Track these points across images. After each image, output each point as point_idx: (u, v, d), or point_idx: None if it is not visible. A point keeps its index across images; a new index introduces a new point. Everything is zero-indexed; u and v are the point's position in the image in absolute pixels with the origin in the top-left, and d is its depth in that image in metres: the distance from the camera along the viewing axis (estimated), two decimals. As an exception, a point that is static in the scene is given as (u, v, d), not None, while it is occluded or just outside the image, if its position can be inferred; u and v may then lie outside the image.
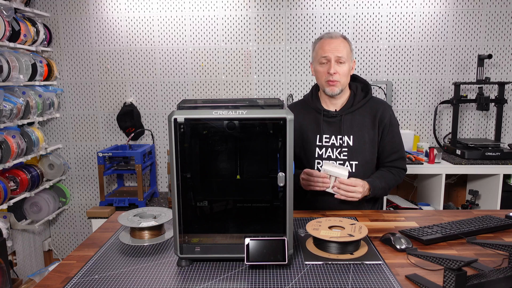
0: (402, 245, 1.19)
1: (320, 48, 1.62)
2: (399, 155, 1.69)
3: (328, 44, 1.60)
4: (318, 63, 1.63)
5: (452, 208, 2.91)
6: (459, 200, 3.12)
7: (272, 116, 1.04)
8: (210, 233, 1.11)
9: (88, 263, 1.14)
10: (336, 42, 1.60)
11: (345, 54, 1.60)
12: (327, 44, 1.61)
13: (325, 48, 1.60)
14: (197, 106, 1.08)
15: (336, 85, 1.61)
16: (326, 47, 1.60)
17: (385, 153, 1.69)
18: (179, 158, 1.06)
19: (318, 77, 1.66)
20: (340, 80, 1.61)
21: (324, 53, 1.60)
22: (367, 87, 1.71)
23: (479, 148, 2.66)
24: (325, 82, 1.63)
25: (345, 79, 1.63)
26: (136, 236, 1.30)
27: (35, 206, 2.82)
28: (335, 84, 1.61)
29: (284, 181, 1.06)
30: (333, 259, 1.12)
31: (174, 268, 1.10)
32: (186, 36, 2.97)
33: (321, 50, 1.61)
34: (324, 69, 1.62)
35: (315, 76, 1.69)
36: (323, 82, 1.63)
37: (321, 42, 1.63)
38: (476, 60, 2.93)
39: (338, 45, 1.60)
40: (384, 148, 1.68)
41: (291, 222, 1.08)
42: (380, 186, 1.60)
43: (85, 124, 3.10)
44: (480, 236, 1.29)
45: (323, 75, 1.63)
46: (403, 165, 1.71)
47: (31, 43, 2.72)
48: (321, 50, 1.61)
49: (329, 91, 1.63)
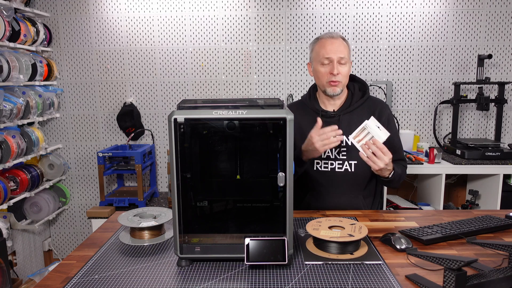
0: (402, 245, 1.18)
1: (322, 48, 1.61)
2: (398, 155, 1.68)
3: (330, 45, 1.60)
4: (320, 64, 1.62)
5: (452, 208, 2.91)
6: (459, 200, 3.12)
7: (272, 116, 1.04)
8: (210, 233, 1.11)
9: (88, 263, 1.14)
10: (337, 43, 1.60)
11: (347, 55, 1.61)
12: (329, 44, 1.60)
13: (327, 49, 1.60)
14: (197, 106, 1.08)
15: (338, 86, 1.62)
16: (328, 47, 1.60)
17: None
18: (179, 158, 1.06)
19: (319, 77, 1.65)
20: (341, 81, 1.61)
21: (327, 54, 1.59)
22: (364, 87, 1.72)
23: (479, 148, 2.66)
24: (326, 83, 1.62)
25: (345, 80, 1.64)
26: (136, 236, 1.30)
27: (35, 206, 2.82)
28: (337, 84, 1.61)
29: (284, 181, 1.06)
30: (333, 259, 1.12)
31: (174, 268, 1.10)
32: (186, 36, 2.97)
33: (324, 51, 1.60)
34: (326, 69, 1.61)
35: (314, 76, 1.69)
36: (325, 82, 1.63)
37: (322, 42, 1.62)
38: (476, 60, 2.93)
39: (340, 46, 1.60)
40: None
41: (291, 222, 1.08)
42: (397, 173, 1.57)
43: (85, 124, 3.10)
44: (480, 236, 1.29)
45: (324, 76, 1.62)
46: (404, 164, 1.71)
47: (31, 43, 2.72)
48: (324, 51, 1.60)
49: (331, 92, 1.63)
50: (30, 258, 2.91)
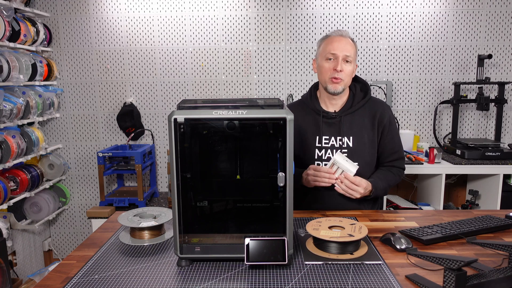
0: (402, 245, 1.19)
1: (329, 44, 1.62)
2: (398, 155, 1.70)
3: (337, 41, 1.61)
4: (324, 59, 1.62)
5: (452, 208, 2.91)
6: (459, 200, 3.12)
7: (272, 116, 1.04)
8: (210, 233, 1.11)
9: (88, 263, 1.14)
10: (345, 41, 1.61)
11: (353, 54, 1.61)
12: (337, 41, 1.61)
13: (334, 45, 1.60)
14: (197, 106, 1.08)
15: (340, 83, 1.61)
16: (335, 44, 1.60)
17: (385, 153, 1.69)
18: (179, 158, 1.06)
19: (322, 73, 1.64)
20: (344, 79, 1.61)
21: (333, 49, 1.60)
22: (366, 87, 1.71)
23: (479, 148, 2.66)
24: (329, 79, 1.62)
25: (348, 79, 1.64)
26: (136, 236, 1.30)
27: (35, 206, 2.82)
28: (339, 82, 1.61)
29: (284, 181, 1.06)
30: (333, 259, 1.12)
31: (174, 268, 1.10)
32: (186, 36, 2.97)
33: (330, 46, 1.61)
34: (330, 65, 1.61)
35: (317, 72, 1.69)
36: (327, 78, 1.63)
37: (330, 39, 1.63)
38: (476, 60, 2.93)
39: (347, 44, 1.61)
40: (384, 149, 1.68)
41: (291, 222, 1.08)
42: (381, 187, 1.62)
43: (85, 124, 3.10)
44: (480, 236, 1.29)
45: (328, 72, 1.62)
46: (402, 164, 1.72)
47: (31, 43, 2.72)
48: (330, 46, 1.61)
49: (332, 89, 1.62)
50: (30, 258, 2.91)
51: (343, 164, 1.52)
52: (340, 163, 1.52)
